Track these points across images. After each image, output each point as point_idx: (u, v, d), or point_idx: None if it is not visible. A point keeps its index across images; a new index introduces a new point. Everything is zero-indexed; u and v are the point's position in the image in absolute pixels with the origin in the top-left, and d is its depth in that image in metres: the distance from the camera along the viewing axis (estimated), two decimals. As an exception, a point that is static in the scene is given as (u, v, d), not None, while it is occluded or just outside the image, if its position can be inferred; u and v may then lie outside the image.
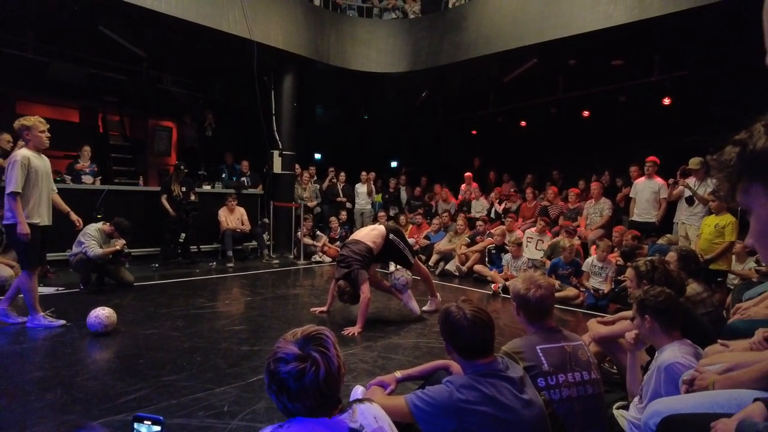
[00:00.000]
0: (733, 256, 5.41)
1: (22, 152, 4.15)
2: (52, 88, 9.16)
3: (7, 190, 4.06)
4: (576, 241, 6.99)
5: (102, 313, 4.10)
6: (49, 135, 4.31)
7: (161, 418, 1.18)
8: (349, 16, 10.27)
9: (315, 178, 10.76)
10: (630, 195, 7.41)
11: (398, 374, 2.26)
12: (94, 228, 5.78)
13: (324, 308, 5.24)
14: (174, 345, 3.91)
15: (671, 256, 3.40)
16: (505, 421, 1.63)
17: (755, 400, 1.30)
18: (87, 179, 7.85)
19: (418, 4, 10.44)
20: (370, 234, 5.02)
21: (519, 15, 8.18)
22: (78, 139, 8.61)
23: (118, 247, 5.85)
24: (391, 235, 5.05)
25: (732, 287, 4.91)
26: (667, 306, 2.17)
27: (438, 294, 5.54)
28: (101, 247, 5.70)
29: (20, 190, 4.04)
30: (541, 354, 2.09)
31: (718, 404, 1.46)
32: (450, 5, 9.74)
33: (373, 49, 10.06)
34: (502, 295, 6.33)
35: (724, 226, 5.44)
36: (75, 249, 5.72)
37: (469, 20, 9.07)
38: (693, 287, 3.14)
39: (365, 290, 4.56)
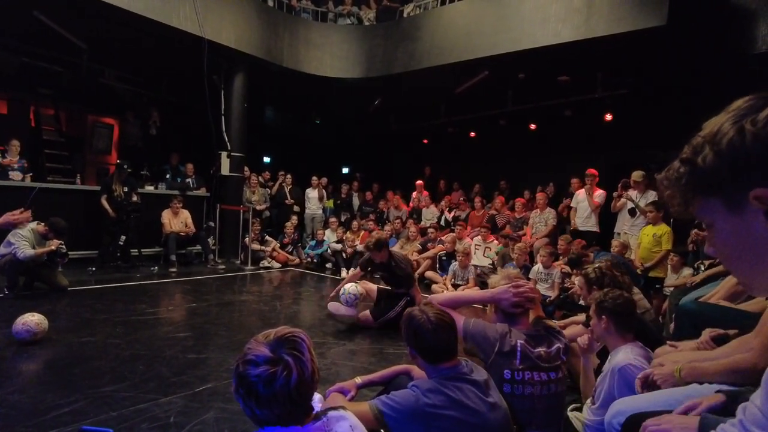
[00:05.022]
0: (669, 267, 5.73)
1: None
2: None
3: None
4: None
5: (31, 320, 3.76)
6: None
7: (110, 430, 1.07)
8: (304, 19, 10.17)
9: (264, 181, 10.54)
10: (571, 205, 7.74)
11: (358, 380, 2.20)
12: (26, 228, 5.36)
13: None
14: (113, 353, 3.66)
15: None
16: (471, 424, 1.63)
17: (717, 391, 1.35)
18: (15, 175, 7.28)
19: (373, 12, 10.49)
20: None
21: (472, 28, 8.39)
22: (5, 132, 7.97)
23: (52, 248, 5.45)
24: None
25: (668, 294, 5.19)
26: (624, 309, 2.26)
27: None
28: (34, 248, 5.30)
29: None
30: (519, 348, 2.08)
31: (678, 401, 1.51)
32: (405, 14, 9.86)
33: (327, 54, 10.00)
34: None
35: (660, 236, 5.78)
36: (2, 250, 5.27)
37: (423, 30, 9.22)
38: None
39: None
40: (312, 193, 10.69)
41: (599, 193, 7.34)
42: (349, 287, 4.96)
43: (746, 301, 2.67)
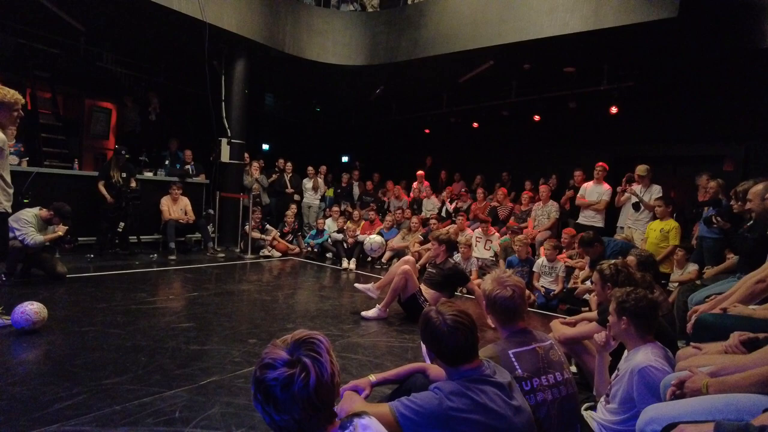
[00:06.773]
0: (674, 262, 5.69)
1: None
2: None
3: None
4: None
5: (30, 308, 3.69)
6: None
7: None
8: (307, 5, 9.98)
9: (262, 168, 10.44)
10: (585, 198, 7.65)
11: (372, 378, 2.14)
12: (30, 214, 5.25)
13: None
14: (114, 343, 3.59)
15: (630, 260, 3.48)
16: (496, 428, 1.56)
17: (766, 410, 1.29)
18: (12, 159, 7.14)
19: (377, -2, 10.32)
20: None
21: (478, 16, 8.25)
22: (2, 115, 7.80)
23: (61, 233, 5.36)
24: None
25: (672, 290, 5.15)
26: (646, 311, 2.19)
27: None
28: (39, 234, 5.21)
29: None
30: (513, 359, 2.03)
31: (718, 410, 1.46)
32: (409, 2, 9.69)
33: (329, 40, 9.84)
34: (466, 295, 6.36)
35: (668, 231, 5.73)
36: (4, 236, 5.18)
37: (428, 18, 9.06)
38: (653, 291, 3.24)
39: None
40: (308, 184, 10.61)
41: (606, 189, 7.24)
42: (373, 237, 5.29)
43: (764, 304, 2.62)
